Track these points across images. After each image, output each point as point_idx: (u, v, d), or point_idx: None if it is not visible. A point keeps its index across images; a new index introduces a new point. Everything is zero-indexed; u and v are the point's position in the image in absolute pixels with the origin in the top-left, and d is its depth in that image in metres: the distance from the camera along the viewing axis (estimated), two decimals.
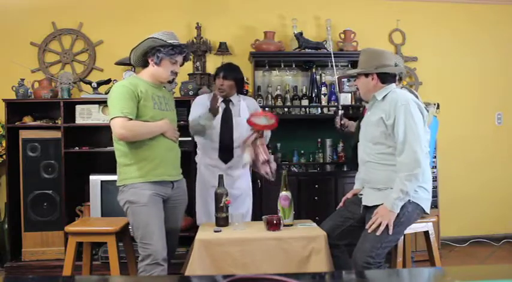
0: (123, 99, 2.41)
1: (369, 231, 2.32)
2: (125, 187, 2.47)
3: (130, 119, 2.40)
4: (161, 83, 2.65)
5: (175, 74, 2.62)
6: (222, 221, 2.67)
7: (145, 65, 2.62)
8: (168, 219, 2.54)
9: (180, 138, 2.81)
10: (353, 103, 4.22)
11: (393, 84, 2.52)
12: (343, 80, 4.05)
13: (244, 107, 3.25)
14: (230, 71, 3.22)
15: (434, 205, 3.26)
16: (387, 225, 2.30)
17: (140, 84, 2.52)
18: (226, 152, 3.17)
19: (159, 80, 2.61)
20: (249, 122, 2.95)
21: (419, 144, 2.32)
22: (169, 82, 2.67)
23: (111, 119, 2.41)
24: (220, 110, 3.15)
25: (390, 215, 2.30)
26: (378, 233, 2.29)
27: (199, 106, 3.20)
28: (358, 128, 3.17)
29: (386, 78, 2.50)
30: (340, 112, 3.21)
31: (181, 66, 2.67)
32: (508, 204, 4.70)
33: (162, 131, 2.51)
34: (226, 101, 3.23)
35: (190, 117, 3.20)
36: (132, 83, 2.50)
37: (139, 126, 2.44)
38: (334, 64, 3.58)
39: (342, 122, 3.18)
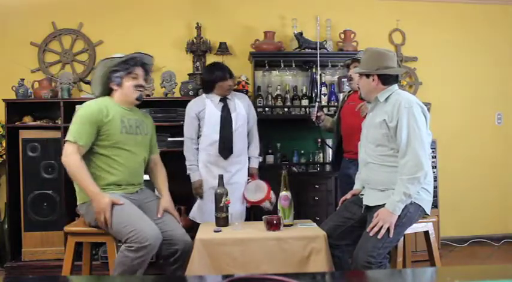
0: (82, 124, 2.40)
1: (371, 234, 2.31)
2: (90, 205, 2.42)
3: (82, 146, 2.39)
4: (132, 104, 2.62)
5: (141, 86, 2.59)
6: (222, 221, 2.67)
7: (110, 93, 2.61)
8: (152, 213, 2.52)
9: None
10: None
11: (395, 86, 2.51)
12: (343, 79, 4.05)
13: (238, 103, 3.32)
14: (230, 70, 3.31)
15: (434, 205, 3.26)
16: (388, 228, 2.30)
17: (110, 107, 2.51)
18: (226, 146, 3.19)
19: (128, 100, 2.58)
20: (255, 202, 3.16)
21: (423, 147, 2.32)
22: (138, 100, 2.60)
23: (66, 140, 2.40)
24: (219, 108, 3.24)
25: (391, 218, 2.29)
26: (379, 236, 2.29)
27: (193, 120, 3.26)
28: (338, 125, 3.20)
29: (387, 79, 2.48)
30: (317, 104, 3.29)
31: (146, 80, 2.66)
32: (508, 204, 4.71)
33: (94, 205, 2.36)
34: (224, 99, 3.29)
35: (188, 137, 3.26)
36: (102, 106, 2.48)
37: (80, 174, 2.37)
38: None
39: (318, 114, 3.23)
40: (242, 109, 3.29)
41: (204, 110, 3.23)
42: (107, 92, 2.62)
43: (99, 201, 2.34)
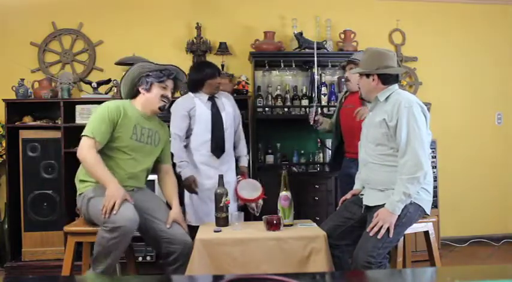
0: (100, 121, 2.43)
1: (371, 234, 2.31)
2: (85, 195, 2.46)
3: (99, 142, 2.41)
4: (153, 112, 2.63)
5: (167, 98, 2.61)
6: (222, 221, 2.67)
7: (135, 95, 2.63)
8: (151, 211, 2.53)
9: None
10: None
11: (396, 85, 2.51)
12: (342, 79, 4.04)
13: (226, 101, 3.27)
14: (219, 68, 3.31)
15: (434, 205, 3.27)
16: (388, 228, 2.30)
17: (129, 110, 2.53)
18: (219, 145, 3.15)
19: (151, 108, 2.60)
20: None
21: (422, 147, 2.32)
22: (161, 109, 2.62)
23: (84, 135, 2.43)
24: (208, 106, 3.18)
25: (391, 218, 2.30)
26: (379, 236, 2.29)
27: (184, 118, 3.14)
28: (337, 126, 3.20)
29: (387, 79, 2.48)
30: (315, 107, 3.27)
31: (172, 94, 2.68)
32: (508, 204, 4.71)
33: (107, 191, 2.35)
34: (212, 97, 3.23)
35: (177, 138, 3.11)
36: (121, 107, 2.50)
37: (98, 169, 2.38)
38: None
39: (316, 118, 3.23)
40: (230, 108, 3.26)
41: (195, 108, 3.14)
42: (132, 95, 2.64)
43: (115, 190, 2.35)
